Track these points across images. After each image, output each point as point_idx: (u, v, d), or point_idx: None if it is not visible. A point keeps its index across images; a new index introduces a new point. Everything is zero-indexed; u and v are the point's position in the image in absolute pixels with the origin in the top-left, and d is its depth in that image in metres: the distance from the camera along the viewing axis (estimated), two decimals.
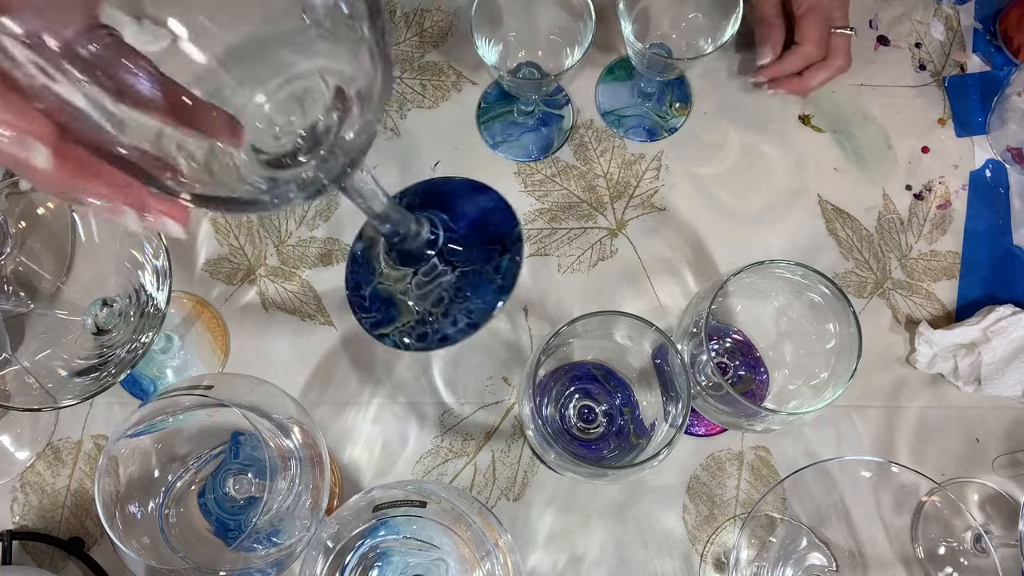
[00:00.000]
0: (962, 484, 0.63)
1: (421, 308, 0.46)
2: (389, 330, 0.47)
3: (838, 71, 0.66)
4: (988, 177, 0.70)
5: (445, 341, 0.45)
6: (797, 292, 0.57)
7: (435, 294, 0.46)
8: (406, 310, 0.47)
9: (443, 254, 0.45)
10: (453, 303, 0.46)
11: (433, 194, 0.48)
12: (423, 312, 0.46)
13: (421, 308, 0.46)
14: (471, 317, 0.45)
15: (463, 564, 0.51)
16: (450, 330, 0.46)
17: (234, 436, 0.56)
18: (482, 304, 0.45)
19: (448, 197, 0.47)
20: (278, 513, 0.50)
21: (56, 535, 0.60)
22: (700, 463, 0.62)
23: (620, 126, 0.70)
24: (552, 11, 0.63)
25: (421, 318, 0.46)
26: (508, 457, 0.62)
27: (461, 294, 0.46)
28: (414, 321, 0.46)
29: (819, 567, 0.56)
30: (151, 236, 0.53)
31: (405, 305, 0.47)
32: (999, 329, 0.63)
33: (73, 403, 0.52)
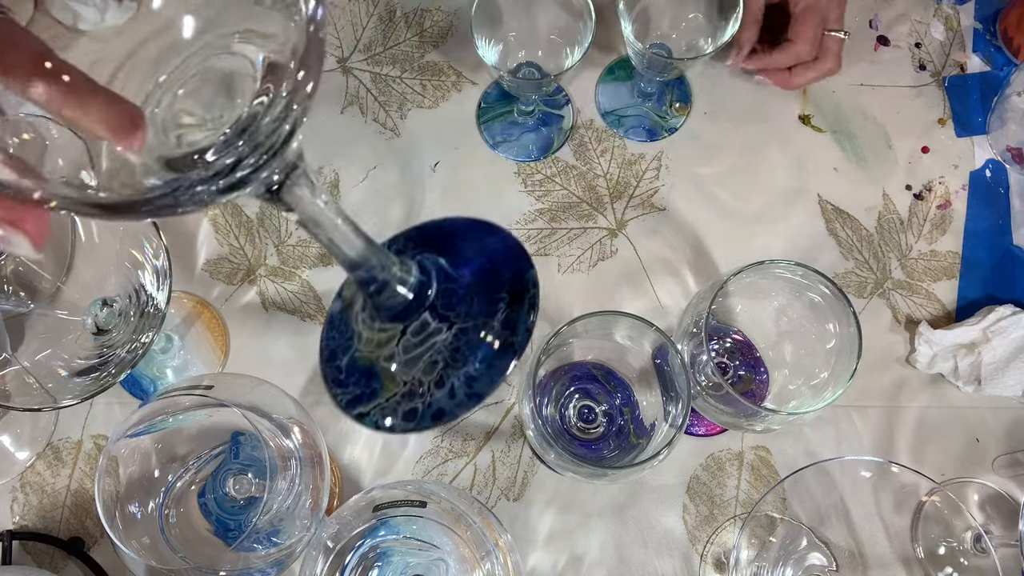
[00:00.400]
0: (962, 484, 0.63)
1: (409, 378, 0.38)
2: (369, 408, 0.38)
3: (827, 73, 0.66)
4: (988, 177, 0.70)
5: (440, 417, 0.37)
6: (797, 292, 0.57)
7: (427, 359, 0.37)
8: (390, 381, 0.38)
9: (436, 308, 0.37)
10: (449, 368, 0.37)
11: (428, 238, 0.40)
12: (412, 382, 0.38)
13: (409, 378, 0.38)
14: (472, 386, 0.37)
15: (463, 564, 0.51)
16: (446, 403, 0.37)
17: (234, 436, 0.56)
18: (486, 369, 0.37)
19: (446, 239, 0.40)
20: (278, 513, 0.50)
21: (56, 535, 0.60)
22: (700, 463, 0.62)
23: (620, 126, 0.70)
24: (552, 11, 0.63)
25: (409, 390, 0.38)
26: (508, 457, 0.62)
27: (459, 356, 0.37)
28: (400, 395, 0.38)
29: (819, 567, 0.56)
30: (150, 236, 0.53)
31: (389, 375, 0.38)
32: (999, 329, 0.63)
33: (73, 403, 0.52)
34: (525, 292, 0.37)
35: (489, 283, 0.38)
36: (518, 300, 0.37)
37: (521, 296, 0.37)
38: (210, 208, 0.67)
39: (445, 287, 0.38)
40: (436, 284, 0.37)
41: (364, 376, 0.39)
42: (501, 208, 0.67)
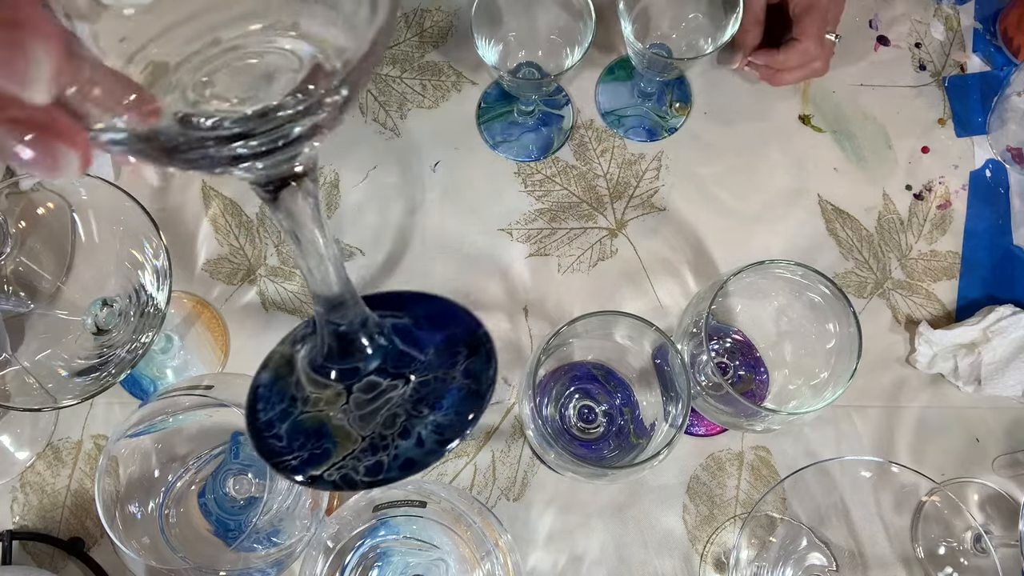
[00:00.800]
0: (962, 484, 0.63)
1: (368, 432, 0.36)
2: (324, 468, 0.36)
3: (814, 73, 0.66)
4: (988, 177, 0.70)
5: (410, 468, 0.35)
6: (797, 292, 0.57)
7: (385, 412, 0.36)
8: (345, 438, 0.36)
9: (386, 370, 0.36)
10: (413, 419, 0.36)
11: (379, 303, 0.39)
12: (372, 436, 0.36)
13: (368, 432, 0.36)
14: (442, 433, 0.35)
15: (463, 564, 0.51)
16: (414, 452, 0.35)
17: (234, 436, 0.56)
18: (454, 415, 0.36)
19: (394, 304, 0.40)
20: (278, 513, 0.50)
21: (56, 535, 0.60)
22: (700, 463, 0.62)
23: (620, 126, 0.70)
24: (552, 11, 0.63)
25: (371, 444, 0.36)
26: (508, 457, 0.62)
27: (423, 406, 0.36)
28: (359, 450, 0.36)
29: (819, 567, 0.56)
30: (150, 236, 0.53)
31: (343, 432, 0.36)
32: (999, 329, 0.63)
33: (73, 403, 0.52)
34: (481, 345, 0.38)
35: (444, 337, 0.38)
36: (475, 352, 0.37)
37: (477, 348, 0.37)
38: (210, 208, 0.67)
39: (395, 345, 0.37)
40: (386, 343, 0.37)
41: (312, 437, 0.37)
42: (501, 208, 0.67)
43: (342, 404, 0.37)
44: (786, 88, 0.71)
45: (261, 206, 0.67)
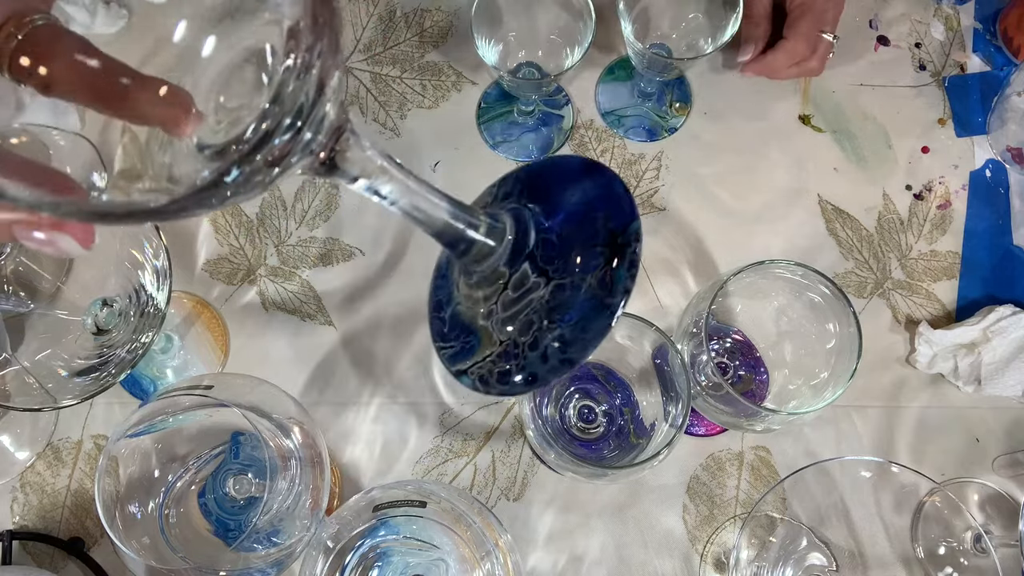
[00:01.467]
0: (962, 484, 0.63)
1: (505, 336, 0.35)
2: (468, 365, 0.36)
3: (809, 72, 0.67)
4: (988, 177, 0.70)
5: (533, 382, 0.34)
6: (797, 292, 0.57)
7: (523, 317, 0.34)
8: (487, 339, 0.36)
9: (535, 259, 0.34)
10: (544, 330, 0.34)
11: (532, 180, 0.38)
12: (507, 342, 0.35)
13: (505, 336, 0.35)
14: (566, 350, 0.33)
15: (463, 564, 0.51)
16: (539, 367, 0.34)
17: (234, 436, 0.56)
18: (580, 332, 0.33)
19: (548, 183, 0.37)
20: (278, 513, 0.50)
21: (56, 535, 0.60)
22: (700, 463, 0.62)
23: (620, 126, 0.70)
24: (552, 11, 0.63)
25: (505, 350, 0.35)
26: (508, 457, 0.62)
27: (554, 316, 0.34)
28: (496, 355, 0.35)
29: (819, 567, 0.56)
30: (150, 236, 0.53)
31: (487, 333, 0.36)
32: (999, 329, 0.63)
33: (73, 403, 0.52)
34: (627, 247, 0.34)
35: (588, 234, 0.34)
36: (618, 254, 0.33)
37: (622, 251, 0.33)
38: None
39: (543, 238, 0.34)
40: (535, 235, 0.34)
41: (464, 331, 0.37)
42: None
43: (492, 303, 0.35)
44: (786, 88, 0.71)
45: (261, 206, 0.67)
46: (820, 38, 0.64)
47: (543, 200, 0.36)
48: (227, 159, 0.23)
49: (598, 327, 0.33)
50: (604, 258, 0.34)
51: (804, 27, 0.64)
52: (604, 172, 0.35)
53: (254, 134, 0.23)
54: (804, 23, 0.63)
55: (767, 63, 0.65)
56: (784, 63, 0.65)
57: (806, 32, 0.64)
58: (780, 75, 0.67)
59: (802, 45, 0.64)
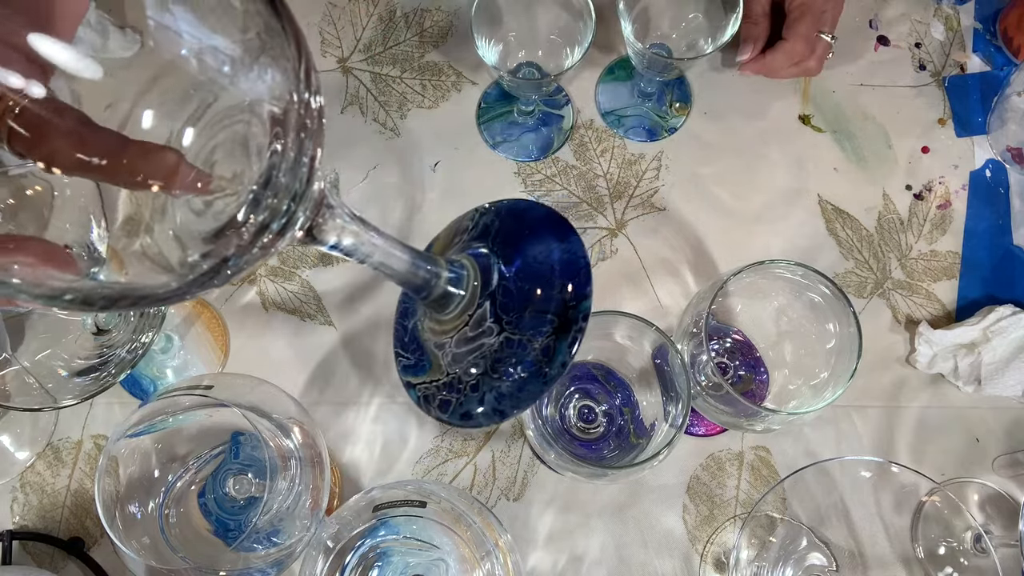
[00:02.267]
0: (962, 484, 0.63)
1: (452, 371, 0.37)
2: (417, 382, 0.38)
3: (807, 72, 0.67)
4: (988, 177, 0.70)
5: (467, 420, 0.36)
6: (797, 292, 0.57)
7: (472, 359, 0.36)
8: (436, 366, 0.38)
9: (495, 303, 0.35)
10: (486, 376, 0.35)
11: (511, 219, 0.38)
12: (453, 376, 0.37)
13: (452, 371, 0.37)
14: (500, 403, 0.35)
15: (463, 564, 0.51)
16: (474, 408, 0.36)
17: (234, 436, 0.56)
18: (517, 391, 0.35)
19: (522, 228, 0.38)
20: (278, 513, 0.50)
21: (56, 535, 0.60)
22: (700, 463, 0.62)
23: (620, 126, 0.70)
24: (552, 11, 0.63)
25: (450, 382, 0.37)
26: (508, 457, 0.62)
27: (498, 368, 0.35)
28: (441, 383, 0.37)
29: (819, 567, 0.56)
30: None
31: (437, 360, 0.38)
32: (999, 329, 0.63)
33: (73, 403, 0.52)
34: (574, 323, 0.35)
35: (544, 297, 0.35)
36: (564, 329, 0.35)
37: (569, 326, 0.35)
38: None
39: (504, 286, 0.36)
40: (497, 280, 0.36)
41: (419, 350, 0.39)
42: None
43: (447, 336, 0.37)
44: (786, 88, 0.71)
45: None
46: (819, 39, 0.64)
47: (511, 245, 0.37)
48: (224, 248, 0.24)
49: (532, 391, 0.35)
50: (552, 327, 0.35)
51: (803, 28, 0.64)
52: (574, 239, 0.36)
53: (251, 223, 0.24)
54: (803, 24, 0.64)
55: (766, 63, 0.65)
56: (783, 63, 0.65)
57: (805, 33, 0.64)
58: (779, 75, 0.67)
59: (801, 45, 0.64)
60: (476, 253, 0.37)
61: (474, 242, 0.38)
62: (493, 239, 0.37)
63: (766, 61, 0.65)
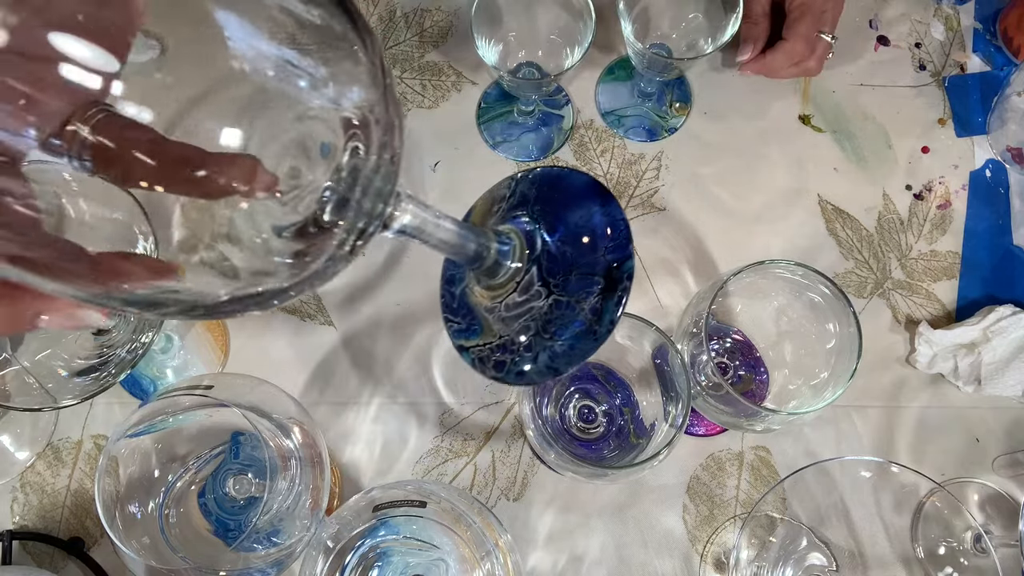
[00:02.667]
0: (962, 484, 0.63)
1: (505, 334, 0.39)
2: (471, 345, 0.40)
3: (807, 72, 0.67)
4: (988, 177, 0.70)
5: (521, 378, 0.38)
6: (797, 292, 0.57)
7: (522, 322, 0.38)
8: (488, 329, 0.40)
9: (541, 268, 0.37)
10: (538, 337, 0.38)
11: (547, 187, 0.40)
12: (505, 338, 0.39)
13: (505, 334, 0.39)
14: (554, 361, 0.37)
15: (463, 564, 0.51)
16: (528, 367, 0.38)
17: (234, 436, 0.56)
18: (568, 349, 0.37)
19: (560, 195, 0.39)
20: (278, 513, 0.50)
21: (56, 535, 0.60)
22: (700, 463, 0.62)
23: (620, 126, 0.70)
24: (552, 11, 0.63)
25: (503, 343, 0.39)
26: (508, 457, 0.62)
27: (549, 328, 0.37)
28: (495, 345, 0.39)
29: (819, 567, 0.56)
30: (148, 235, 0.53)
31: (488, 324, 0.40)
32: (999, 329, 0.63)
33: (73, 403, 0.52)
34: (619, 283, 0.36)
35: (588, 260, 0.37)
36: (611, 288, 0.36)
37: (615, 285, 0.36)
38: None
39: (548, 251, 0.37)
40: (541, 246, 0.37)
41: (469, 313, 0.41)
42: None
43: (497, 302, 0.39)
44: (786, 88, 0.71)
45: None
46: (819, 39, 0.64)
47: (551, 213, 0.38)
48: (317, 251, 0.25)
49: (584, 348, 0.37)
50: (600, 288, 0.36)
51: (803, 28, 0.64)
52: (613, 203, 0.38)
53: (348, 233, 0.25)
54: (803, 24, 0.64)
55: (766, 63, 0.65)
56: (783, 63, 0.65)
57: (805, 33, 0.64)
58: (779, 75, 0.67)
59: (800, 46, 0.64)
60: (519, 222, 0.38)
61: (514, 210, 0.39)
62: (532, 207, 0.39)
63: (766, 61, 0.65)
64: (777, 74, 0.67)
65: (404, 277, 0.66)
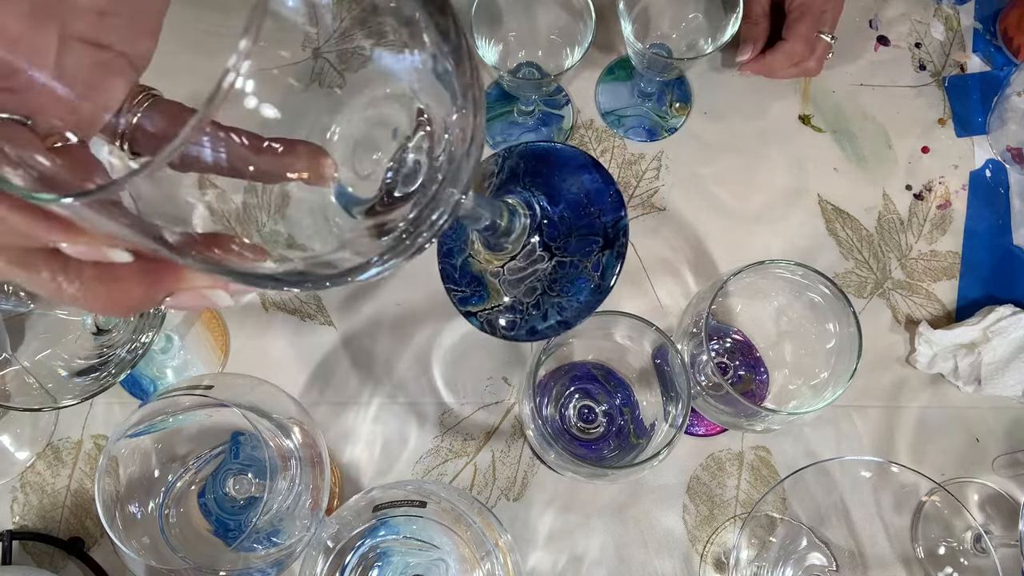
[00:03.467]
0: (962, 484, 0.63)
1: (511, 295, 0.42)
2: (477, 310, 0.43)
3: (807, 72, 0.67)
4: (988, 177, 0.70)
5: (533, 334, 0.42)
6: (797, 292, 0.57)
7: (528, 283, 0.42)
8: (495, 293, 0.43)
9: (542, 235, 0.41)
10: (545, 296, 0.41)
11: (535, 161, 0.42)
12: (514, 300, 0.42)
13: (511, 295, 0.42)
14: (562, 315, 0.41)
15: (463, 564, 0.51)
16: (539, 324, 0.42)
17: (234, 436, 0.56)
18: (576, 303, 0.41)
19: (549, 168, 0.41)
20: (278, 513, 0.50)
21: (56, 535, 0.60)
22: (700, 463, 0.62)
23: (620, 126, 0.70)
24: (552, 11, 0.63)
25: (511, 306, 0.42)
26: (508, 457, 0.62)
27: (555, 287, 0.41)
28: (503, 307, 0.43)
29: (819, 567, 0.56)
30: None
31: (495, 288, 0.43)
32: (999, 329, 0.63)
33: (73, 403, 0.52)
34: (616, 240, 0.40)
35: (584, 223, 0.40)
36: (609, 246, 0.40)
37: (612, 243, 0.40)
38: None
39: (548, 218, 0.40)
40: (540, 214, 0.40)
41: (474, 281, 0.44)
42: None
43: (501, 266, 0.42)
44: (786, 88, 0.71)
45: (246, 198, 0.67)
46: (819, 39, 0.64)
47: (545, 184, 0.40)
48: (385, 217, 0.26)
49: (591, 302, 0.40)
50: (598, 247, 0.40)
51: (803, 28, 0.64)
52: (600, 169, 0.40)
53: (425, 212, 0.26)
54: (803, 24, 0.64)
55: (766, 63, 0.66)
56: (783, 64, 0.65)
57: (805, 33, 0.64)
58: (779, 75, 0.67)
59: (800, 46, 0.64)
60: (515, 193, 0.41)
61: (506, 185, 0.42)
62: (523, 179, 0.41)
63: (766, 61, 0.65)
64: (777, 74, 0.67)
65: (404, 277, 0.66)
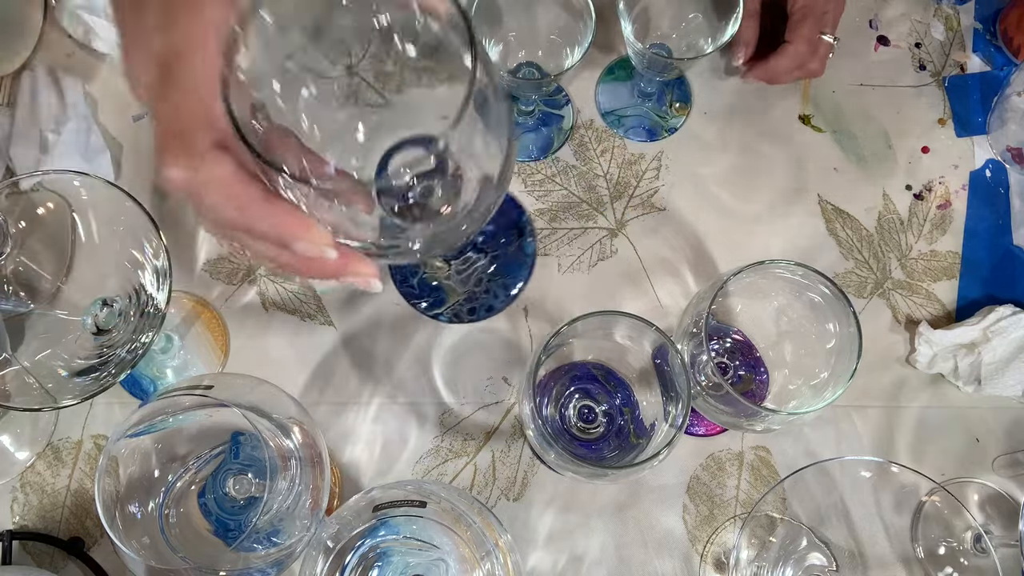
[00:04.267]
0: (962, 484, 0.63)
1: (464, 289, 0.61)
2: (443, 310, 0.61)
3: (809, 74, 0.67)
4: (988, 177, 0.70)
5: (491, 311, 0.61)
6: (797, 292, 0.57)
7: (474, 277, 0.61)
8: (452, 292, 0.61)
9: (475, 246, 0.59)
10: (492, 281, 0.60)
11: None
12: (468, 292, 0.61)
13: (464, 289, 0.61)
14: (508, 289, 0.61)
15: (463, 564, 0.51)
16: (495, 302, 0.61)
17: (234, 436, 0.56)
18: (516, 279, 0.61)
19: None
20: (278, 513, 0.50)
21: (56, 535, 0.60)
22: (700, 463, 0.62)
23: (620, 126, 0.70)
24: (552, 11, 0.63)
25: (468, 297, 0.60)
26: (508, 457, 0.62)
27: (497, 273, 0.60)
28: (461, 300, 0.61)
29: (819, 567, 0.56)
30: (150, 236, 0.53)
31: (451, 288, 0.61)
32: (999, 329, 0.63)
33: (73, 403, 0.52)
34: (525, 227, 0.64)
35: (502, 225, 0.62)
36: (521, 234, 0.64)
37: (522, 231, 0.64)
38: None
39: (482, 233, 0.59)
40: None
41: (433, 290, 0.62)
42: None
43: (448, 271, 0.62)
44: (786, 88, 0.71)
45: None
46: (820, 40, 0.64)
47: None
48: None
49: (523, 274, 0.63)
50: (515, 236, 0.64)
51: (806, 29, 0.64)
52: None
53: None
54: (805, 26, 0.63)
55: (770, 68, 0.65)
56: (788, 67, 0.65)
57: (808, 35, 0.64)
58: (782, 80, 0.67)
59: (804, 47, 0.64)
60: None
61: None
62: None
63: (770, 66, 0.65)
64: (781, 79, 0.67)
65: None
